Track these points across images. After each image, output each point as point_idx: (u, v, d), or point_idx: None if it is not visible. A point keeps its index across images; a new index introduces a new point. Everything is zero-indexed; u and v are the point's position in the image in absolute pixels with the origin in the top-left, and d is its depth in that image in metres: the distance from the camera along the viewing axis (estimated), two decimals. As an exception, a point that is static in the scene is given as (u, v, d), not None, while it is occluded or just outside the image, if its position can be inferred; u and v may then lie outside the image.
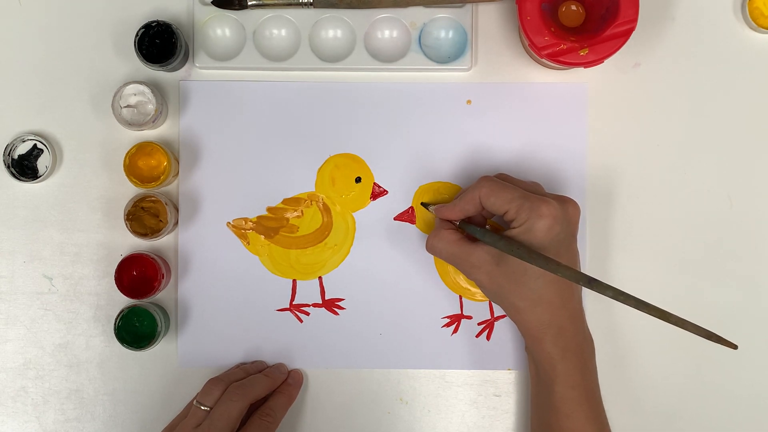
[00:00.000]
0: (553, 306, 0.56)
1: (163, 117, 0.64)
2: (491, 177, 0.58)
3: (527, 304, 0.56)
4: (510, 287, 0.56)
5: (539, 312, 0.56)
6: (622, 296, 0.49)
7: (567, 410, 0.57)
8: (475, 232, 0.58)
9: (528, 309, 0.57)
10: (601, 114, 0.65)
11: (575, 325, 0.58)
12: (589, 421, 0.57)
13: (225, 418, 0.58)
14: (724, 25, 0.65)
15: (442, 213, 0.60)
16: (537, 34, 0.58)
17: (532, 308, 0.56)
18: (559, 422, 0.57)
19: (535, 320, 0.57)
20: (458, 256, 0.58)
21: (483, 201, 0.57)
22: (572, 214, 0.57)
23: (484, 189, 0.57)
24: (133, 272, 0.62)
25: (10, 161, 0.64)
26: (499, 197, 0.56)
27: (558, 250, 0.56)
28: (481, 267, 0.57)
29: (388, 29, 0.65)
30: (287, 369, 0.65)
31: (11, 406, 0.65)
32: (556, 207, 0.55)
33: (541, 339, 0.57)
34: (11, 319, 0.65)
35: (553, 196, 0.57)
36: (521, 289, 0.56)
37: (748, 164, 0.65)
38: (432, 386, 0.66)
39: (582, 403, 0.57)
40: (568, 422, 0.57)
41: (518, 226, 0.55)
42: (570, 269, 0.51)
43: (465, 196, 0.58)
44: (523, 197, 0.55)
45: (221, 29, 0.64)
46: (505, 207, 0.56)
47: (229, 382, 0.61)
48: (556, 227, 0.55)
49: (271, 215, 0.65)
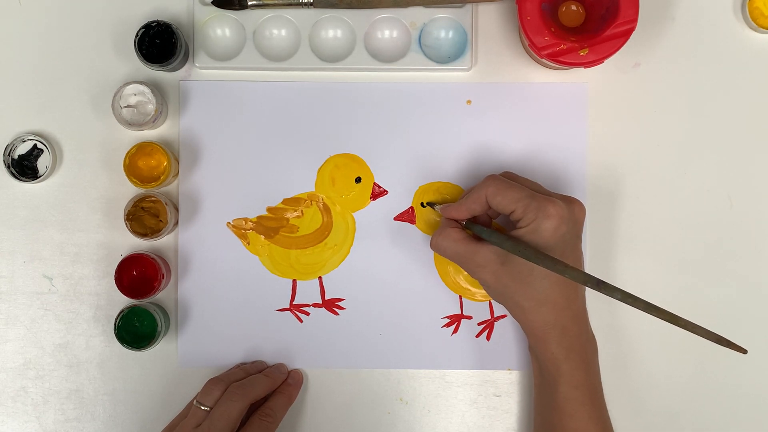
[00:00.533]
0: (558, 306, 0.56)
1: (163, 117, 0.64)
2: (497, 176, 0.58)
3: (532, 304, 0.56)
4: (515, 287, 0.56)
5: (544, 312, 0.56)
6: (630, 299, 0.49)
7: (570, 410, 0.57)
8: (482, 232, 0.58)
9: (533, 309, 0.56)
10: (601, 114, 0.65)
11: (579, 326, 0.58)
12: (593, 420, 0.57)
13: (225, 418, 0.58)
14: (724, 25, 0.65)
15: (449, 212, 0.60)
16: (537, 34, 0.58)
17: (537, 308, 0.56)
18: (562, 422, 0.57)
19: (539, 320, 0.57)
20: (463, 255, 0.58)
21: (489, 200, 0.57)
22: (578, 214, 0.57)
23: (490, 188, 0.57)
24: (133, 272, 0.62)
25: (10, 161, 0.64)
26: (505, 196, 0.56)
27: (564, 251, 0.56)
28: (487, 266, 0.57)
29: (388, 29, 0.65)
30: (287, 369, 0.65)
31: (11, 406, 0.65)
32: (563, 207, 0.55)
33: (546, 339, 0.57)
34: (11, 319, 0.65)
35: (559, 196, 0.57)
36: (526, 289, 0.56)
37: (748, 164, 0.65)
38: (432, 386, 0.66)
39: (585, 402, 0.57)
40: (572, 422, 0.57)
41: (525, 225, 0.55)
42: (578, 271, 0.51)
43: (471, 195, 0.58)
44: (530, 197, 0.55)
45: (221, 29, 0.65)
46: (512, 206, 0.56)
47: (229, 382, 0.60)
48: (562, 227, 0.55)
49: (271, 215, 0.65)
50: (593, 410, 0.57)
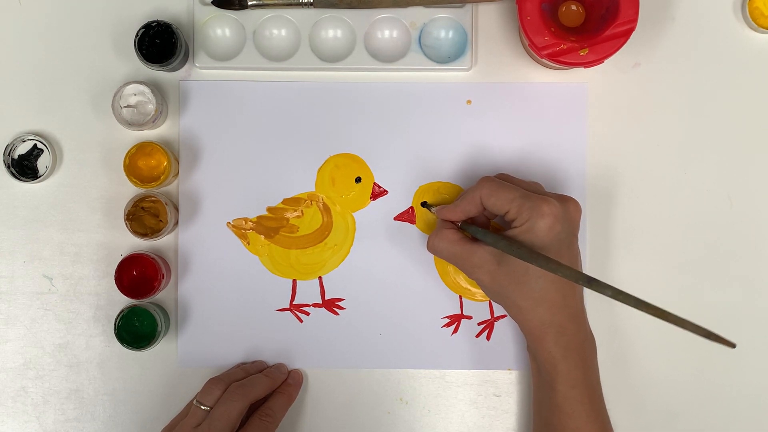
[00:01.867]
0: (555, 305, 0.56)
1: (163, 117, 0.64)
2: (491, 177, 0.59)
3: (529, 303, 0.56)
4: (512, 287, 0.56)
5: (541, 311, 0.56)
6: (621, 295, 0.49)
7: (569, 409, 0.57)
8: (477, 233, 0.58)
9: (530, 308, 0.56)
10: (601, 114, 0.65)
11: (576, 324, 0.58)
12: (591, 420, 0.57)
13: (225, 417, 0.58)
14: (724, 25, 0.65)
15: (444, 214, 0.60)
16: (537, 34, 0.58)
17: (533, 308, 0.56)
18: (561, 422, 0.57)
19: (536, 319, 0.57)
20: (460, 255, 0.58)
21: (484, 201, 0.57)
22: (573, 213, 0.57)
23: (484, 189, 0.57)
24: (133, 272, 0.62)
25: (10, 161, 0.64)
26: (499, 197, 0.56)
27: (559, 250, 0.56)
28: (483, 267, 0.57)
29: (388, 29, 0.65)
30: (287, 369, 0.65)
31: (11, 406, 0.65)
32: (557, 206, 0.55)
33: (543, 338, 0.57)
34: (11, 319, 0.65)
35: (554, 196, 0.57)
36: (523, 289, 0.56)
37: (748, 164, 0.65)
38: (432, 386, 0.66)
39: (584, 402, 0.57)
40: (570, 421, 0.57)
41: (519, 225, 0.55)
42: (570, 269, 0.51)
43: (466, 197, 0.58)
44: (523, 197, 0.55)
45: (221, 29, 0.64)
46: (506, 207, 0.56)
47: (230, 382, 0.61)
48: (557, 226, 0.55)
49: (271, 215, 0.65)
50: (592, 409, 0.57)
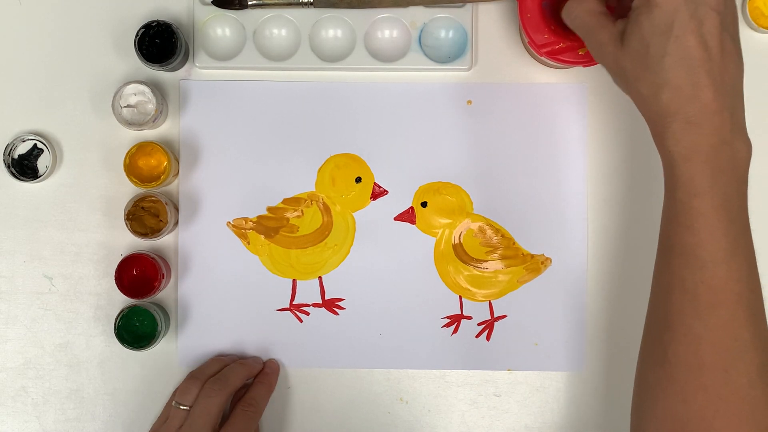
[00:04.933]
0: (681, 94, 0.48)
1: (163, 117, 0.64)
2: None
3: (651, 90, 0.48)
4: (634, 72, 0.49)
5: (664, 99, 0.48)
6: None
7: (687, 221, 0.48)
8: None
9: (651, 96, 0.49)
10: (601, 114, 0.65)
11: (712, 122, 0.47)
12: (718, 236, 0.47)
13: (205, 414, 0.58)
14: (724, 24, 0.65)
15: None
16: (537, 32, 0.58)
17: (655, 95, 0.48)
18: (678, 235, 0.48)
19: (657, 109, 0.49)
20: (591, 27, 0.52)
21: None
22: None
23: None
24: (133, 272, 0.62)
25: (10, 161, 0.64)
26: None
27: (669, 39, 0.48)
28: (607, 46, 0.51)
29: (388, 29, 0.65)
30: (262, 360, 0.65)
31: (11, 405, 0.65)
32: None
33: (663, 133, 0.48)
34: (11, 319, 0.65)
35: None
36: (645, 74, 0.49)
37: (748, 164, 0.65)
38: (432, 386, 0.66)
39: (708, 215, 0.47)
40: (688, 235, 0.48)
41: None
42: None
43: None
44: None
45: (221, 29, 0.65)
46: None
47: (206, 377, 0.61)
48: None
49: (271, 215, 0.65)
50: (719, 224, 0.47)
